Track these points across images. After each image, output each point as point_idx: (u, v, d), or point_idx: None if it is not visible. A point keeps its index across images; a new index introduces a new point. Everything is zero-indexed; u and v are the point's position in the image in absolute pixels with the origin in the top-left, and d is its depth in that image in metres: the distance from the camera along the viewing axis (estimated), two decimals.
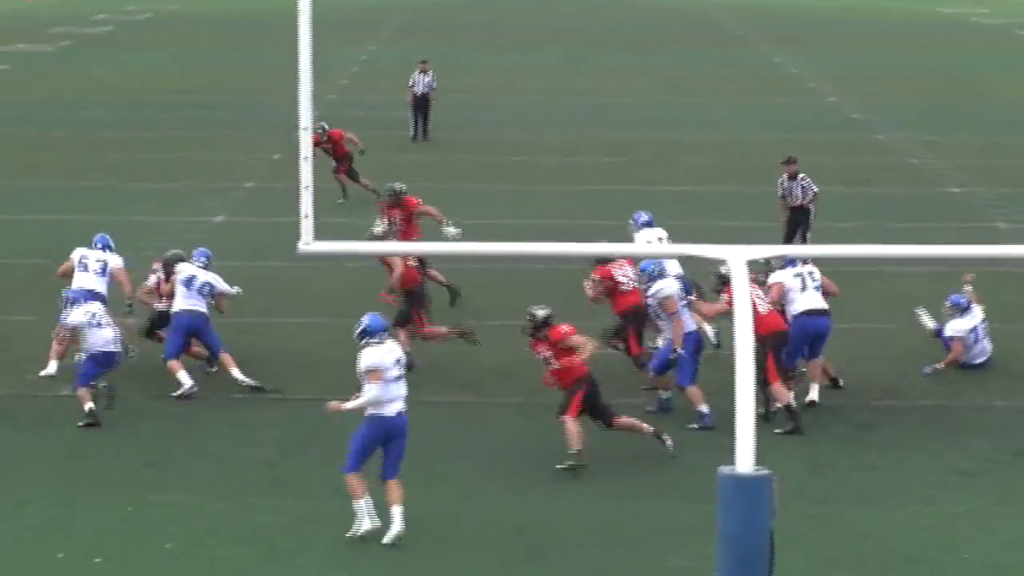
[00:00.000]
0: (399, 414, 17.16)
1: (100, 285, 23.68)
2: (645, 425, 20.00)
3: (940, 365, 23.45)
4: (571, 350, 19.40)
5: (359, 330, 17.41)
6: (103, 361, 21.35)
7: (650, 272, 21.67)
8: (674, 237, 24.16)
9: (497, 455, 20.01)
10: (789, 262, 22.13)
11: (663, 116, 50.12)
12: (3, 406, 21.82)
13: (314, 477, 19.00)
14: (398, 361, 17.33)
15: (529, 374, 22.56)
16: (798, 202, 29.16)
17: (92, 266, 23.89)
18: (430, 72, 44.82)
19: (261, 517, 17.49)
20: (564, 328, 19.54)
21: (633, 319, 22.83)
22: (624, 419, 19.91)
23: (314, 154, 34.66)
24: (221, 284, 23.35)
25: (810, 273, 22.24)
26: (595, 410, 19.70)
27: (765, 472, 12.58)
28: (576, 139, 44.90)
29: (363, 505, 17.01)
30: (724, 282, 21.23)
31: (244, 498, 18.44)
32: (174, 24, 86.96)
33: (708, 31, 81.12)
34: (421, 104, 44.84)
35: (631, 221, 25.72)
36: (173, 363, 22.74)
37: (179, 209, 33.91)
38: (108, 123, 45.89)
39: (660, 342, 22.37)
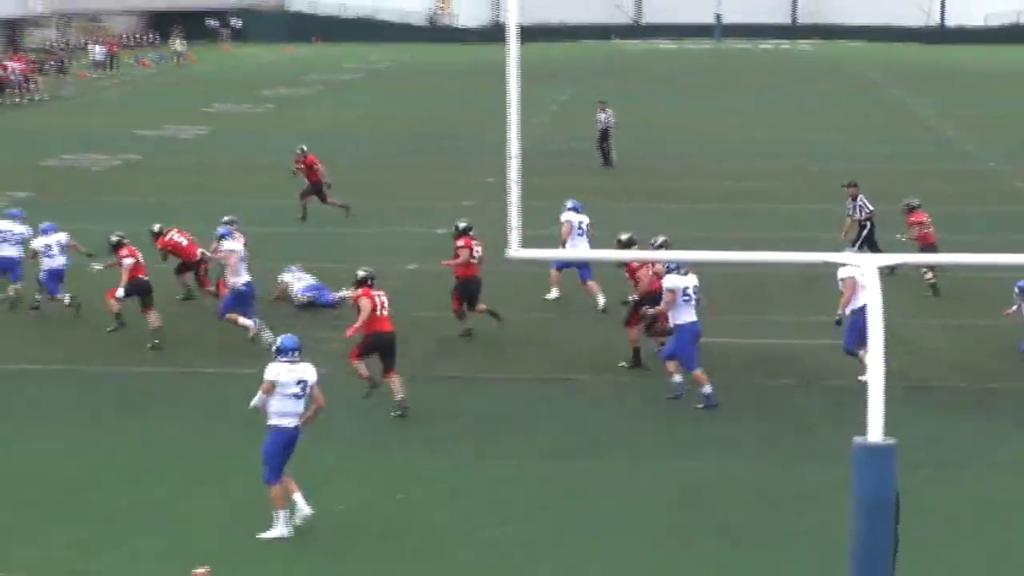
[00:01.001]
0: (296, 427, 16.03)
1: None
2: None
3: None
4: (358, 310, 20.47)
5: (274, 347, 16.44)
6: None
7: (667, 266, 21.48)
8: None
9: (670, 425, 19.98)
10: None
11: (812, 149, 49.61)
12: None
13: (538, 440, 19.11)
14: (300, 382, 16.03)
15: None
16: (856, 218, 29.14)
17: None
18: (608, 110, 44.84)
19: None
20: (356, 293, 20.74)
21: (465, 287, 24.50)
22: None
23: (295, 173, 35.02)
24: None
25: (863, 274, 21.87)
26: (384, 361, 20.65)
27: (892, 441, 12.42)
28: (738, 168, 44.59)
29: (283, 515, 16.01)
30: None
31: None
32: (408, 72, 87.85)
33: (850, 79, 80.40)
34: (604, 138, 44.87)
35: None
36: (231, 316, 23.86)
37: (411, 222, 34.16)
38: (353, 152, 46.36)
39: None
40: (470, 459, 18.63)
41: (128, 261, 24.07)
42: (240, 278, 23.85)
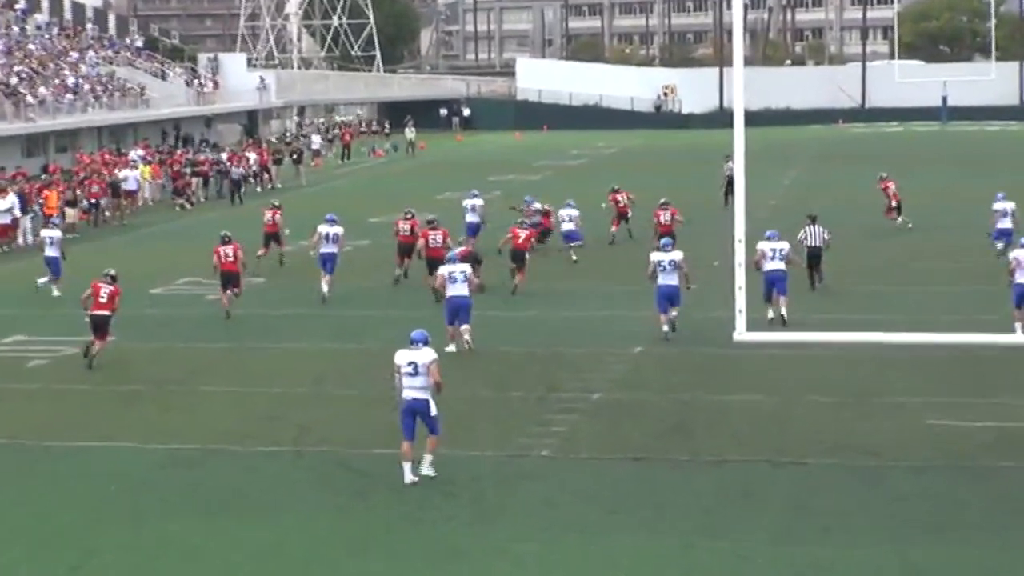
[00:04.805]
0: (414, 399, 20.09)
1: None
2: None
3: None
4: None
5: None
6: None
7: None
8: None
9: (896, 507, 19.61)
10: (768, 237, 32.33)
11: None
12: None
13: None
14: (410, 363, 20.06)
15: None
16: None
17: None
18: (731, 162, 46.45)
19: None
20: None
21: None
22: None
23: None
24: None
25: (780, 249, 31.91)
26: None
27: None
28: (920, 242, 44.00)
29: (406, 466, 20.24)
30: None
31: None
32: (633, 156, 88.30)
33: None
34: (729, 183, 49.60)
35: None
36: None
37: (638, 305, 33.92)
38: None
39: None
40: (696, 540, 18.49)
41: None
42: None
